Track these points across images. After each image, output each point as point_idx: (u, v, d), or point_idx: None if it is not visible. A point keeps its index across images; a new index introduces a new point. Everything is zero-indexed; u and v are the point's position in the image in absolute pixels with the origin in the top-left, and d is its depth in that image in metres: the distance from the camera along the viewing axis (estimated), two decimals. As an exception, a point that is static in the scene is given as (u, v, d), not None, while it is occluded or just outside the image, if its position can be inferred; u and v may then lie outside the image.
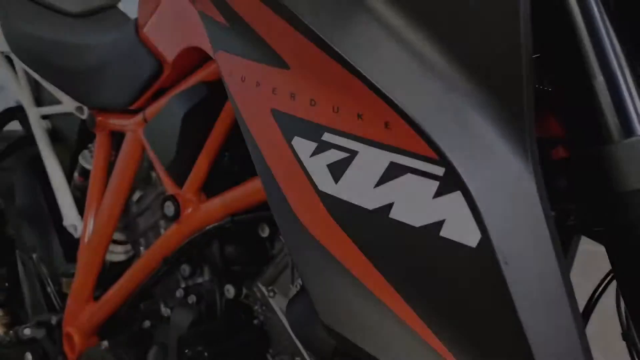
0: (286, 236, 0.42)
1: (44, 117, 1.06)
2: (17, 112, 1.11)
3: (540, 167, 0.33)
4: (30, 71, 0.98)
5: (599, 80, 0.35)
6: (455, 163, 0.32)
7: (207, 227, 0.64)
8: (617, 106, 0.35)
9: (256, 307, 0.69)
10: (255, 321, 0.68)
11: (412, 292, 0.34)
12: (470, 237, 0.31)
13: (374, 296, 0.36)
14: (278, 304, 0.67)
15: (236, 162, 0.67)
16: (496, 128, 0.32)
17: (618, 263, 0.36)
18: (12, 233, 1.22)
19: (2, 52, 1.04)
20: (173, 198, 0.65)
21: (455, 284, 0.32)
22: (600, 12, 0.35)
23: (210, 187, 0.66)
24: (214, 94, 0.63)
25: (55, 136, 1.05)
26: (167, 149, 0.65)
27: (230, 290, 0.69)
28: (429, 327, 0.33)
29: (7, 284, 1.14)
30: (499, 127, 0.32)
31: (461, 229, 0.32)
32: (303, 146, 0.39)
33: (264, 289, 0.68)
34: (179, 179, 0.66)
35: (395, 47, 0.34)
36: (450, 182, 0.32)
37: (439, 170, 0.32)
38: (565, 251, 0.53)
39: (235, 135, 0.60)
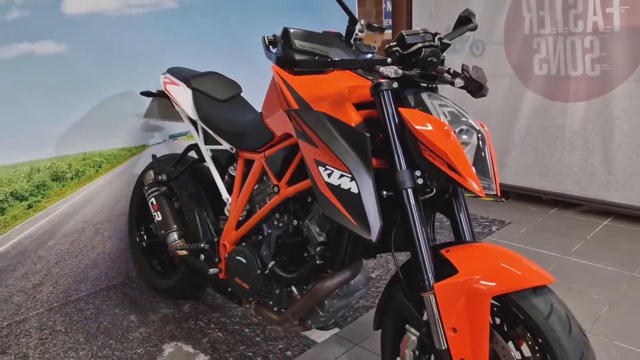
0: (317, 195, 1.49)
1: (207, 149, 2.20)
2: (193, 147, 2.26)
3: (384, 176, 1.42)
4: (206, 128, 2.12)
5: (396, 155, 1.42)
6: (354, 175, 1.39)
7: (289, 196, 1.73)
8: (398, 159, 1.42)
9: (304, 228, 1.77)
10: (304, 233, 1.76)
11: (344, 203, 1.42)
12: (356, 190, 1.38)
13: (336, 206, 1.44)
14: (312, 226, 1.74)
15: (300, 171, 1.75)
16: (362, 167, 1.39)
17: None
18: (179, 205, 2.36)
19: (191, 119, 2.19)
20: (277, 185, 1.75)
21: (353, 201, 1.39)
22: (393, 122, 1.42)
23: (291, 181, 1.74)
24: (295, 148, 1.73)
25: (213, 159, 2.18)
26: (276, 167, 1.74)
27: (294, 222, 1.75)
28: (346, 211, 1.41)
29: (184, 228, 2.27)
30: (364, 167, 1.40)
31: (354, 189, 1.39)
32: (321, 169, 1.48)
33: (308, 221, 1.76)
34: (279, 179, 1.75)
35: (341, 145, 1.43)
36: (353, 179, 1.40)
37: (350, 176, 1.40)
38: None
39: (301, 163, 1.71)
